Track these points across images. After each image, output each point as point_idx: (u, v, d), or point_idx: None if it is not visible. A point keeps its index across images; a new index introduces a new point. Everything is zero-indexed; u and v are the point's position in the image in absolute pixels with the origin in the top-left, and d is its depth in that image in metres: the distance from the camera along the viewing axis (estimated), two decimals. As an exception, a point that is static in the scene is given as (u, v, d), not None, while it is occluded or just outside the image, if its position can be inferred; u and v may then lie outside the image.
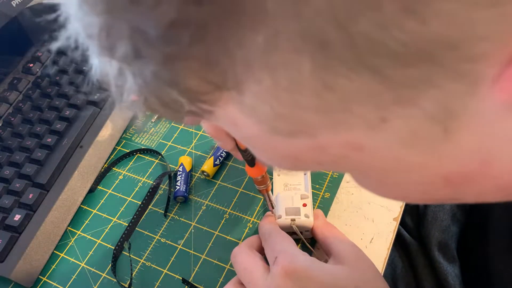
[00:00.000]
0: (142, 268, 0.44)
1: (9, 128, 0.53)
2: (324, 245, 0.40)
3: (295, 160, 0.19)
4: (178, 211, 0.48)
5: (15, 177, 0.49)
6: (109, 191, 0.51)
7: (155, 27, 0.14)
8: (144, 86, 0.17)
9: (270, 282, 0.34)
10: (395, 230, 0.44)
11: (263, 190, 0.41)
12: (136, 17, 0.14)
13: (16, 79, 0.57)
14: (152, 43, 0.14)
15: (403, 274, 0.54)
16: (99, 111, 0.55)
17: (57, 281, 0.44)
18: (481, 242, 0.53)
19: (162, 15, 0.13)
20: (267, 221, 0.41)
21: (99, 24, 0.15)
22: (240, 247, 0.39)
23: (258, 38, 0.14)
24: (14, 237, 0.45)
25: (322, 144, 0.17)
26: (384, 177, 0.19)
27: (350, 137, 0.16)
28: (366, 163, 0.18)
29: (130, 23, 0.14)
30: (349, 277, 0.34)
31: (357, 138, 0.16)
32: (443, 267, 0.52)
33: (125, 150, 0.54)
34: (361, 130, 0.16)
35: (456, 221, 0.57)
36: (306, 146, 0.17)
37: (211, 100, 0.17)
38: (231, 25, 0.13)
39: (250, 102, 0.16)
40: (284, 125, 0.17)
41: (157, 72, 0.16)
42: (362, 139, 0.16)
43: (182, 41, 0.14)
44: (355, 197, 0.47)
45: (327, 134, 0.16)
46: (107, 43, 0.16)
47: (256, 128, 0.18)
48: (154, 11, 0.13)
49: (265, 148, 0.20)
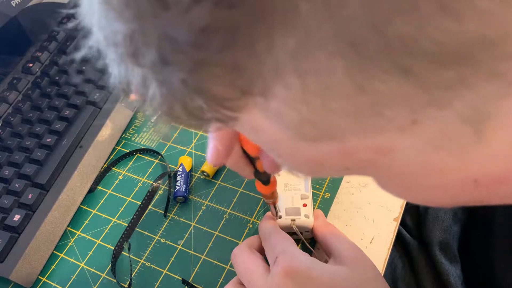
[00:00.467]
0: (142, 268, 0.44)
1: (8, 128, 0.53)
2: (324, 245, 0.40)
3: (319, 166, 0.19)
4: (178, 211, 0.48)
5: (14, 177, 0.49)
6: (109, 191, 0.51)
7: (185, 33, 0.14)
8: (169, 94, 0.16)
9: (271, 282, 0.34)
10: (395, 230, 0.44)
11: (271, 203, 0.40)
12: (166, 23, 0.14)
13: (15, 79, 0.57)
14: (181, 49, 0.14)
15: (403, 274, 0.54)
16: (99, 111, 0.55)
17: (57, 282, 0.44)
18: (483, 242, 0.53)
19: (194, 20, 0.13)
20: (267, 221, 0.41)
21: (126, 31, 0.15)
22: (240, 247, 0.39)
23: (289, 42, 0.13)
24: (14, 237, 0.45)
25: (349, 149, 0.17)
26: (411, 181, 0.18)
27: (379, 141, 0.16)
28: (393, 167, 0.17)
29: (160, 29, 0.14)
30: (350, 277, 0.34)
31: (386, 142, 0.16)
32: (445, 266, 0.52)
33: (125, 150, 0.54)
34: (390, 133, 0.15)
35: (458, 220, 0.57)
36: (332, 151, 0.17)
37: (236, 107, 0.17)
38: (262, 29, 0.13)
39: (276, 108, 0.16)
40: (311, 130, 0.16)
41: (184, 79, 0.15)
42: (391, 142, 0.16)
43: (213, 47, 0.14)
44: (355, 197, 0.47)
45: (355, 138, 0.16)
46: (133, 51, 0.15)
47: (281, 134, 0.17)
48: (186, 16, 0.13)
49: (289, 154, 0.19)
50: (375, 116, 0.15)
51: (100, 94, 0.55)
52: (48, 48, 0.60)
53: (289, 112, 0.16)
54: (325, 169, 0.19)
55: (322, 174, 0.21)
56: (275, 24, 0.13)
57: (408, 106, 0.14)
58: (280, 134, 0.17)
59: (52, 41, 0.61)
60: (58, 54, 0.60)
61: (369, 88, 0.14)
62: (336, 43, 0.13)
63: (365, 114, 0.15)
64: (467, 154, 0.16)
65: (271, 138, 0.18)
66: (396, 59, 0.13)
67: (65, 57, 0.59)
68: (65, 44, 0.61)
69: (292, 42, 0.13)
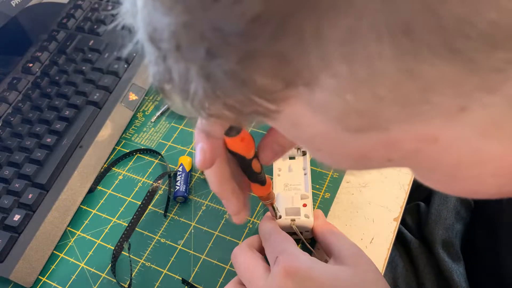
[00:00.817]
0: (142, 268, 0.44)
1: (8, 128, 0.53)
2: (324, 245, 0.40)
3: (362, 158, 0.19)
4: (178, 211, 0.48)
5: (14, 177, 0.49)
6: (109, 191, 0.51)
7: (236, 24, 0.14)
8: (213, 88, 0.16)
9: (271, 282, 0.34)
10: (395, 230, 0.44)
11: (269, 204, 0.40)
12: (216, 15, 0.14)
13: (15, 79, 0.57)
14: (230, 41, 0.14)
15: (404, 273, 0.54)
16: (99, 111, 0.55)
17: (57, 281, 0.44)
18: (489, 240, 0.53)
19: (246, 10, 0.13)
20: (267, 221, 0.41)
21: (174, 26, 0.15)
22: (240, 247, 0.39)
23: (338, 28, 0.13)
24: (14, 237, 0.45)
25: (394, 139, 0.16)
26: (456, 171, 0.18)
27: (425, 129, 0.16)
28: (439, 157, 0.17)
29: (209, 22, 0.14)
30: (350, 277, 0.34)
31: (432, 130, 0.16)
32: (448, 265, 0.51)
33: (125, 150, 0.54)
34: (437, 121, 0.15)
35: (460, 219, 0.57)
36: (376, 142, 0.17)
37: (279, 99, 0.16)
38: (312, 16, 0.13)
39: (321, 98, 0.16)
40: (356, 120, 0.16)
41: (229, 72, 0.15)
42: (437, 130, 0.16)
43: (262, 37, 0.14)
44: (355, 197, 0.47)
45: (400, 127, 0.16)
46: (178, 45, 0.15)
47: (324, 126, 0.17)
48: (237, 6, 0.13)
49: (331, 147, 0.19)
50: (423, 103, 0.15)
51: (100, 94, 0.55)
52: (48, 48, 0.60)
53: (334, 101, 0.15)
54: (368, 161, 0.19)
55: (365, 167, 0.20)
56: (325, 11, 0.13)
57: (456, 92, 0.14)
58: (323, 126, 0.17)
59: (52, 41, 0.61)
60: (58, 54, 0.60)
61: (418, 73, 0.14)
62: (387, 27, 0.13)
63: (412, 101, 0.15)
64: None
65: (312, 132, 0.18)
66: (448, 41, 0.13)
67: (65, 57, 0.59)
68: (65, 44, 0.61)
69: (342, 29, 0.13)
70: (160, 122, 0.57)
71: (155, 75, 0.18)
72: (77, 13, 0.65)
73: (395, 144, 0.17)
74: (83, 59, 0.59)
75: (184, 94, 0.17)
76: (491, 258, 0.52)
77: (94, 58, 0.59)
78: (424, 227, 0.57)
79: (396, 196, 0.46)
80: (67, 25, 0.64)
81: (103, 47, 0.60)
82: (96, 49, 0.60)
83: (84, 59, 0.59)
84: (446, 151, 0.16)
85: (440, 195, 0.58)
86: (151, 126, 0.56)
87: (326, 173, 0.49)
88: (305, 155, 0.47)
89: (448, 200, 0.57)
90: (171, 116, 0.57)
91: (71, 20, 0.64)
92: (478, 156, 0.16)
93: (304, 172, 0.46)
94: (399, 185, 0.47)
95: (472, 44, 0.13)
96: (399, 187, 0.47)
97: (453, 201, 0.57)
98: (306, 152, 0.47)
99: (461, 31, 0.12)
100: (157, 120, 0.57)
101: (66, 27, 0.64)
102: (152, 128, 0.56)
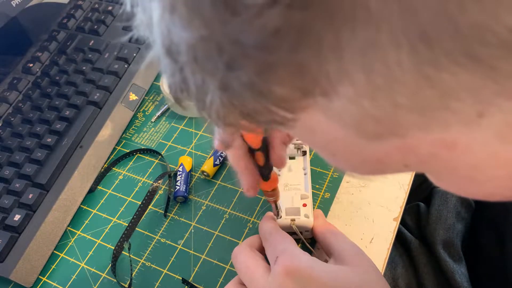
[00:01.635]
0: (142, 268, 0.44)
1: (9, 128, 0.53)
2: (324, 245, 0.40)
3: (379, 164, 0.19)
4: (178, 211, 0.48)
5: (15, 177, 0.49)
6: (109, 191, 0.51)
7: (255, 37, 0.14)
8: (230, 99, 0.16)
9: (271, 282, 0.34)
10: (395, 230, 0.44)
11: (272, 201, 0.40)
12: (235, 29, 0.14)
13: (16, 79, 0.57)
14: (249, 53, 0.14)
15: (404, 273, 0.54)
16: (99, 111, 0.55)
17: (57, 281, 0.44)
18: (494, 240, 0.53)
19: (266, 23, 0.13)
20: (268, 220, 0.41)
21: (192, 40, 0.15)
22: (240, 246, 0.39)
23: (357, 39, 0.13)
24: (14, 237, 0.45)
25: (411, 145, 0.16)
26: (473, 174, 0.18)
27: (443, 135, 0.16)
28: (456, 161, 0.17)
29: (228, 36, 0.14)
30: (350, 277, 0.34)
31: (451, 136, 0.16)
32: (449, 265, 0.51)
33: (125, 150, 0.54)
34: (456, 127, 0.15)
35: (461, 219, 0.57)
36: (393, 148, 0.17)
37: (297, 108, 0.16)
38: (331, 27, 0.13)
39: (339, 106, 0.16)
40: (373, 127, 0.16)
41: (247, 83, 0.15)
42: (455, 136, 0.16)
43: (282, 49, 0.14)
44: (355, 197, 0.47)
45: (418, 133, 0.16)
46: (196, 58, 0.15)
47: (340, 133, 0.17)
48: (257, 20, 0.13)
49: (347, 153, 0.19)
50: (441, 110, 0.15)
51: (100, 94, 0.55)
52: (48, 48, 0.60)
53: (352, 109, 0.16)
54: (385, 167, 0.19)
55: (381, 172, 0.20)
56: (344, 22, 0.13)
57: (476, 98, 0.14)
58: (339, 133, 0.17)
59: (52, 41, 0.61)
60: (58, 54, 0.60)
61: (437, 80, 0.14)
62: (406, 36, 0.13)
63: (431, 108, 0.15)
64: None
65: (328, 138, 0.18)
66: (467, 49, 0.13)
67: (65, 57, 0.59)
68: (65, 44, 0.61)
69: (361, 40, 0.13)
70: (160, 122, 0.57)
71: (171, 85, 0.18)
72: (77, 13, 0.65)
73: (412, 149, 0.17)
74: (83, 59, 0.59)
75: (201, 104, 0.18)
76: (496, 259, 0.52)
77: (94, 58, 0.59)
78: (424, 227, 0.57)
79: (396, 196, 0.47)
80: (67, 25, 0.64)
81: (103, 47, 0.60)
82: (96, 49, 0.60)
83: (84, 59, 0.59)
84: (463, 155, 0.17)
85: (440, 196, 0.58)
86: (151, 126, 0.56)
87: (326, 173, 0.49)
88: (305, 155, 0.47)
89: (448, 201, 0.57)
90: (171, 116, 0.57)
91: (72, 20, 0.64)
92: (495, 160, 0.16)
93: (304, 172, 0.46)
94: (399, 185, 0.47)
95: (492, 52, 0.13)
96: (399, 187, 0.47)
97: (453, 202, 0.57)
98: (306, 152, 0.47)
99: (481, 38, 0.12)
100: (157, 120, 0.57)
101: (66, 27, 0.64)
102: (152, 128, 0.56)
